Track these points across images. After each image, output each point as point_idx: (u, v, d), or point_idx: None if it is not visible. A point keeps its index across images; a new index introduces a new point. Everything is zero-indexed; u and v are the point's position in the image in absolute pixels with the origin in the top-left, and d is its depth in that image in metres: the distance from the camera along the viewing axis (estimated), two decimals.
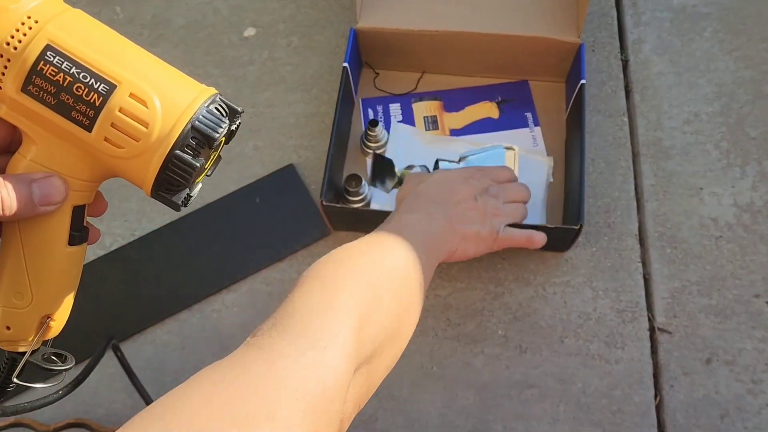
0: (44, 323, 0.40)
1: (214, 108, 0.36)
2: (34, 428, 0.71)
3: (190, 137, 0.35)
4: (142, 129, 0.34)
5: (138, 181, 0.36)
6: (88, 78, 0.34)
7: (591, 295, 0.75)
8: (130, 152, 0.35)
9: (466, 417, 0.71)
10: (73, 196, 0.37)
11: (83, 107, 0.34)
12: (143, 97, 0.34)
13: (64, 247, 0.38)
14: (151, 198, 0.37)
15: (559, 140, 0.82)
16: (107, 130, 0.34)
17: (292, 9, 0.95)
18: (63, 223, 0.37)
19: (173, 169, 0.35)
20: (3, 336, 0.39)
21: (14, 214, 0.34)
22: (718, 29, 0.89)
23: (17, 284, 0.38)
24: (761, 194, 0.79)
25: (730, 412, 0.70)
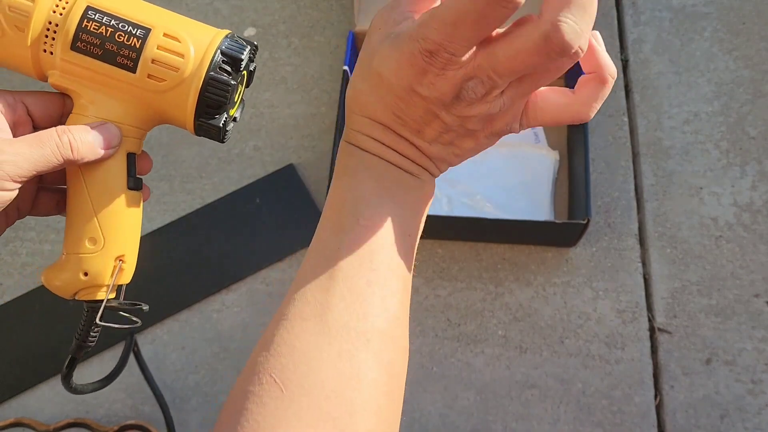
0: (117, 266, 0.43)
1: (235, 39, 0.42)
2: (35, 428, 0.71)
3: (221, 61, 0.40)
4: (179, 59, 0.39)
5: (180, 113, 0.41)
6: (126, 26, 0.39)
7: (591, 295, 0.75)
8: (171, 83, 0.40)
9: (466, 417, 0.71)
10: (126, 142, 0.42)
11: (126, 51, 0.39)
12: (175, 34, 0.40)
13: (125, 189, 0.42)
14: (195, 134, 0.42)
15: (561, 137, 0.82)
16: (149, 67, 0.39)
17: (293, 9, 0.95)
18: (121, 168, 0.42)
19: (211, 90, 0.40)
20: (81, 284, 0.42)
21: (82, 157, 0.39)
22: (718, 29, 0.89)
23: (89, 229, 0.42)
24: (761, 194, 0.79)
25: (730, 413, 0.70)
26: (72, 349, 0.46)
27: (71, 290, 0.43)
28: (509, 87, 0.34)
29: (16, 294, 0.79)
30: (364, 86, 0.36)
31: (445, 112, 0.35)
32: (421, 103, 0.35)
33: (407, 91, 0.34)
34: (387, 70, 0.34)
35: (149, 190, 0.46)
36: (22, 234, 0.82)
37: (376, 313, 0.35)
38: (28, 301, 0.79)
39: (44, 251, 0.82)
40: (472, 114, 0.35)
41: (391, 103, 0.35)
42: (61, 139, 0.38)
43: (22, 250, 0.82)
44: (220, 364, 0.74)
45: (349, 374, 0.34)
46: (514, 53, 0.31)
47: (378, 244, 0.36)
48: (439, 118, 0.35)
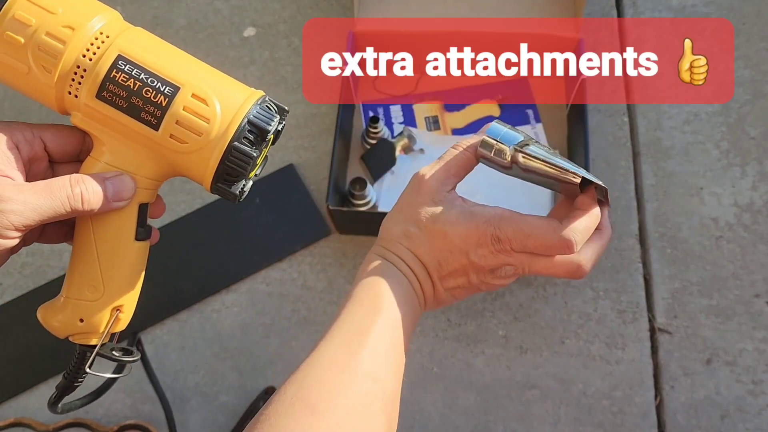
0: (114, 315, 0.43)
1: (265, 105, 0.40)
2: (35, 428, 0.71)
3: (246, 130, 0.39)
4: (204, 124, 0.39)
5: (198, 175, 0.40)
6: (155, 82, 0.38)
7: (591, 295, 0.75)
8: (193, 146, 0.39)
9: (467, 418, 0.71)
10: (140, 193, 0.41)
11: (151, 108, 0.38)
12: (204, 96, 0.39)
13: (132, 241, 0.41)
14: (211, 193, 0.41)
15: (561, 136, 0.82)
16: (173, 127, 0.38)
17: (293, 10, 0.95)
18: (131, 219, 0.41)
19: (233, 160, 0.39)
20: (76, 329, 0.42)
21: (91, 209, 0.38)
22: (717, 29, 0.88)
23: (90, 277, 0.41)
24: (761, 194, 0.79)
25: (730, 413, 0.69)
26: (59, 386, 0.45)
27: (65, 333, 0.43)
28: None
29: (15, 294, 0.79)
30: (419, 233, 0.46)
31: (475, 276, 0.46)
32: (464, 263, 0.45)
33: (462, 252, 0.45)
34: (454, 233, 0.45)
35: (158, 234, 0.45)
36: None
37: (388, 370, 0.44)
38: (28, 301, 0.79)
39: (44, 251, 0.81)
40: (494, 284, 0.47)
41: (440, 253, 0.46)
42: (73, 191, 0.38)
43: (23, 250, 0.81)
44: (219, 364, 0.74)
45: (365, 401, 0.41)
46: (549, 268, 0.45)
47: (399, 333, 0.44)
48: (468, 276, 0.46)
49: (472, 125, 0.84)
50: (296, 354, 0.74)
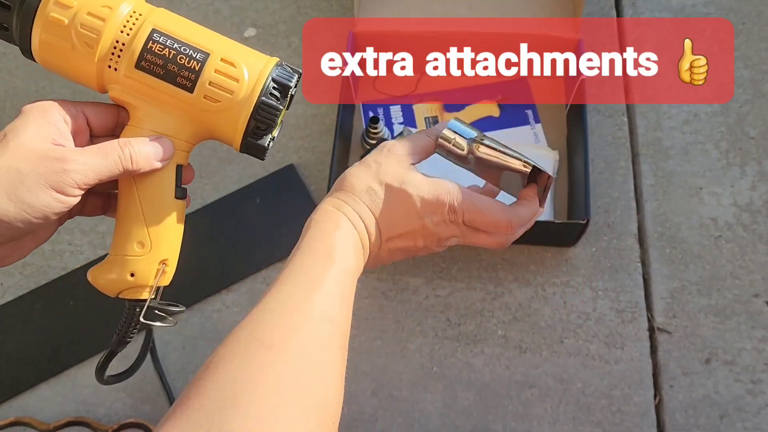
0: (161, 269, 0.46)
1: (284, 67, 0.45)
2: (35, 427, 0.71)
3: (272, 87, 0.44)
4: (234, 83, 0.43)
5: (230, 131, 0.44)
6: (187, 50, 0.42)
7: (590, 295, 0.75)
8: (225, 105, 0.43)
9: (466, 417, 0.71)
10: (177, 155, 0.45)
11: (186, 72, 0.42)
12: (231, 60, 0.43)
13: (173, 199, 0.45)
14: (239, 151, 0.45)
15: (560, 136, 0.83)
16: (206, 88, 0.42)
17: (293, 10, 0.95)
18: (170, 179, 0.45)
19: (262, 114, 0.43)
20: (127, 284, 0.45)
21: (139, 168, 0.42)
22: (717, 29, 0.89)
23: (138, 234, 0.44)
24: (760, 194, 0.79)
25: (729, 412, 0.70)
26: (112, 344, 0.48)
27: (117, 289, 0.46)
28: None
29: (17, 294, 0.79)
30: (380, 191, 0.48)
31: (422, 240, 0.50)
32: (417, 227, 0.49)
33: (419, 216, 0.48)
34: (417, 196, 0.48)
35: (190, 199, 0.48)
36: None
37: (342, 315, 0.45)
38: (29, 300, 0.79)
39: (45, 251, 0.82)
40: (434, 250, 0.51)
41: (397, 214, 0.48)
42: (123, 151, 0.41)
43: None
44: None
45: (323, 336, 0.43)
46: (483, 241, 0.50)
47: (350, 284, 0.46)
48: (415, 241, 0.50)
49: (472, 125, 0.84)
50: None
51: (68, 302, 0.79)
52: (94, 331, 0.77)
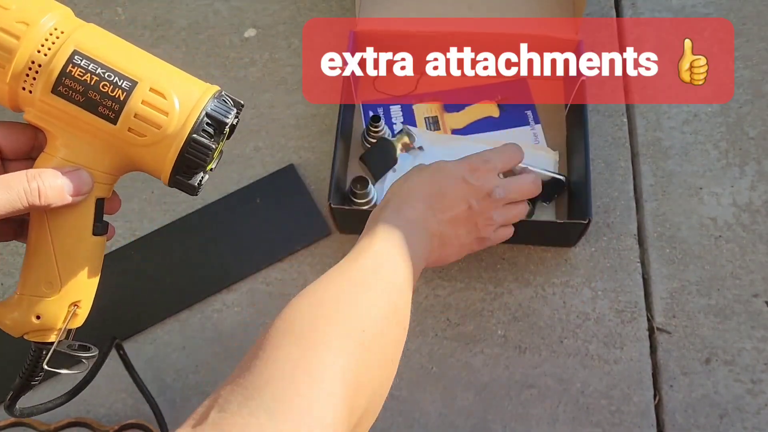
0: (71, 312, 0.42)
1: (222, 99, 0.41)
2: (35, 427, 0.71)
3: (205, 123, 0.39)
4: (163, 117, 0.39)
5: (157, 168, 0.40)
6: (112, 77, 0.38)
7: (590, 295, 0.75)
8: (151, 139, 0.39)
9: (465, 417, 0.71)
10: (97, 188, 0.40)
11: (109, 102, 0.38)
12: (162, 90, 0.39)
13: (89, 236, 0.41)
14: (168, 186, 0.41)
15: (560, 137, 0.83)
16: (131, 121, 0.38)
17: (293, 10, 0.95)
18: (88, 214, 0.41)
19: (192, 152, 0.39)
20: (32, 326, 0.42)
21: (49, 203, 0.38)
22: (717, 29, 0.89)
23: (47, 273, 0.41)
24: (760, 194, 0.79)
25: (729, 412, 0.70)
26: (15, 386, 0.44)
27: (21, 331, 0.42)
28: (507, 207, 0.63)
29: None
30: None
31: (475, 201, 0.58)
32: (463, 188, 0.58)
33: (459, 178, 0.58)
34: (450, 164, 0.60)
35: (114, 230, 0.44)
36: None
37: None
38: None
39: None
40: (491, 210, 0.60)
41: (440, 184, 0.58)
42: (30, 185, 0.37)
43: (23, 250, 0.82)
44: (220, 364, 0.75)
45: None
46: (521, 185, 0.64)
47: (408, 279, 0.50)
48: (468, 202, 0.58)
49: (472, 126, 0.84)
50: None
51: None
52: (93, 331, 0.77)
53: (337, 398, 0.35)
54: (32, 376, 0.44)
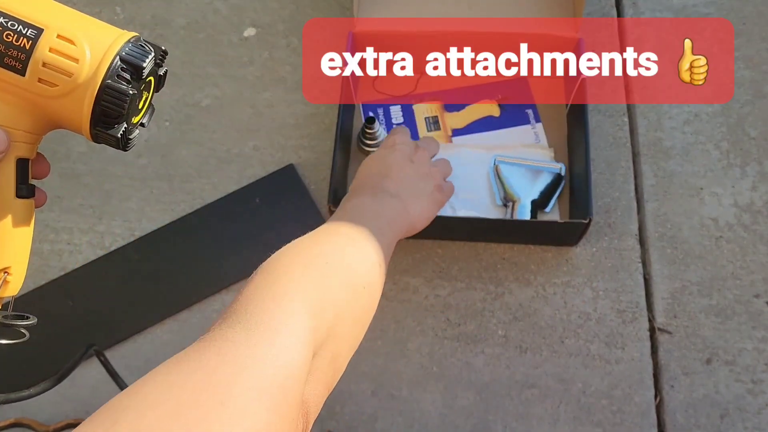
0: (2, 278, 0.41)
1: (139, 44, 0.39)
2: (34, 428, 0.71)
3: (119, 68, 0.37)
4: (73, 64, 0.37)
5: (75, 120, 0.38)
6: (15, 25, 0.36)
7: (591, 295, 0.75)
8: (64, 89, 0.37)
9: (466, 417, 0.71)
10: (16, 147, 0.39)
11: (14, 52, 0.36)
12: (70, 36, 0.37)
13: (13, 198, 0.40)
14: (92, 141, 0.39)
15: (561, 136, 0.82)
16: (40, 70, 0.37)
17: (292, 9, 0.95)
18: (9, 175, 0.39)
19: (108, 98, 0.37)
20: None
21: None
22: (717, 29, 0.88)
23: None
24: (761, 194, 0.79)
25: (730, 412, 0.69)
26: None
27: None
28: None
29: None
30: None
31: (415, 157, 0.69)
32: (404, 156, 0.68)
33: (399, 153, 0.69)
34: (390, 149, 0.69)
35: (45, 195, 0.43)
36: None
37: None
38: (27, 301, 0.79)
39: (43, 251, 0.81)
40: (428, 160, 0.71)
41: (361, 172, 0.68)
42: None
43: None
44: None
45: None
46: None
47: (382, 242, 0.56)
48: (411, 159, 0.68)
49: (472, 125, 0.84)
50: None
51: (67, 302, 0.78)
52: (93, 331, 0.77)
53: (298, 315, 0.41)
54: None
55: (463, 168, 0.80)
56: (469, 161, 0.80)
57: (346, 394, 0.72)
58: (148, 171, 0.84)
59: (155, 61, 0.39)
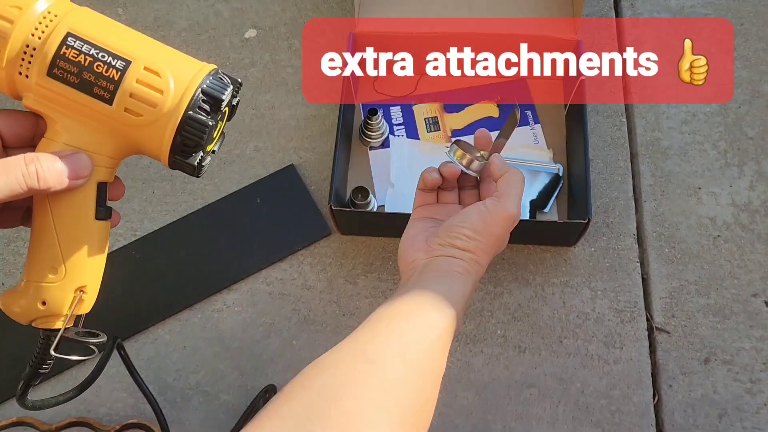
0: (77, 297, 0.42)
1: (218, 77, 0.41)
2: (37, 427, 0.71)
3: (201, 100, 0.39)
4: (158, 96, 0.38)
5: (155, 149, 0.40)
6: (106, 57, 0.38)
7: (590, 295, 0.75)
8: (148, 119, 0.39)
9: (465, 417, 0.71)
10: (98, 172, 0.40)
11: (104, 82, 0.38)
12: (156, 68, 0.38)
13: (92, 220, 0.41)
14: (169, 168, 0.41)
15: (560, 137, 0.83)
16: (126, 100, 0.38)
17: (294, 12, 0.95)
18: (89, 198, 0.41)
19: (189, 129, 0.39)
20: (38, 312, 0.41)
21: (48, 187, 0.38)
22: (716, 29, 0.89)
23: (51, 259, 0.40)
24: (759, 193, 0.79)
25: (728, 412, 0.70)
26: (25, 375, 0.45)
27: (28, 318, 0.42)
28: None
29: None
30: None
31: None
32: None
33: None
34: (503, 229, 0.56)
35: (119, 216, 0.44)
36: (24, 234, 0.82)
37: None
38: None
39: None
40: None
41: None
42: (28, 168, 0.37)
43: (24, 250, 0.82)
44: (220, 363, 0.75)
45: None
46: None
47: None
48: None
49: (472, 126, 0.84)
50: (297, 353, 0.74)
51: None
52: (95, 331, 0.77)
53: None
54: (41, 364, 0.44)
55: None
56: None
57: None
58: (150, 172, 0.85)
59: (233, 95, 0.41)
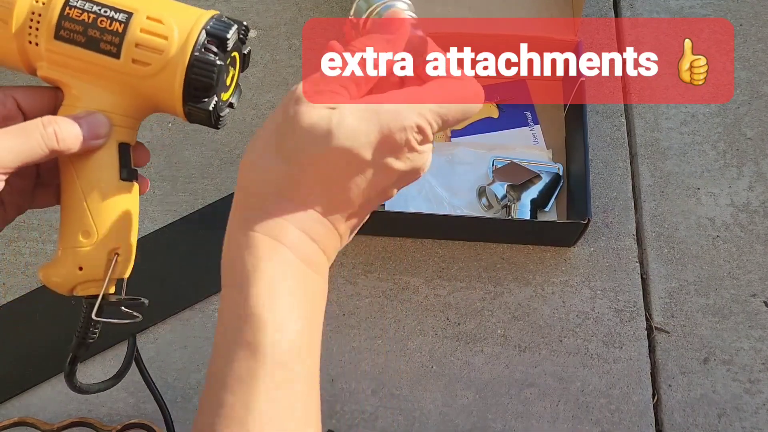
0: (113, 259, 0.42)
1: (221, 20, 0.41)
2: (38, 427, 0.71)
3: (206, 41, 0.40)
4: (163, 42, 0.39)
5: (168, 99, 0.40)
6: (108, 11, 0.39)
7: (589, 294, 0.76)
8: (156, 67, 0.39)
9: (466, 416, 0.71)
10: (117, 132, 0.41)
11: (109, 36, 0.39)
12: (158, 17, 0.39)
13: (117, 181, 0.42)
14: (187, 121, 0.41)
15: (559, 137, 0.83)
16: (133, 51, 0.39)
17: (294, 11, 0.95)
18: (113, 158, 0.41)
19: (197, 71, 0.39)
20: (77, 279, 0.42)
21: (68, 147, 0.38)
22: (716, 29, 0.89)
23: (81, 222, 0.41)
24: (758, 194, 0.80)
25: (727, 411, 0.70)
26: (73, 347, 0.45)
27: (68, 286, 0.43)
28: None
29: (19, 293, 0.80)
30: (292, 167, 0.33)
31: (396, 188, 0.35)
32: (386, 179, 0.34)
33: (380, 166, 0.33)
34: (360, 144, 0.32)
35: (148, 183, 0.45)
36: (26, 234, 0.83)
37: None
38: (32, 300, 0.79)
39: (47, 251, 0.82)
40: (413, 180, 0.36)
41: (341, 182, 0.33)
42: (46, 130, 0.38)
43: (26, 250, 0.82)
44: None
45: None
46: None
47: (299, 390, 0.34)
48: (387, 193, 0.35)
49: (471, 127, 0.85)
50: None
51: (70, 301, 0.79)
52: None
53: None
54: (87, 332, 0.45)
55: (462, 168, 0.80)
56: (468, 161, 0.81)
57: (347, 393, 0.73)
58: (152, 172, 0.85)
59: (238, 35, 0.42)
